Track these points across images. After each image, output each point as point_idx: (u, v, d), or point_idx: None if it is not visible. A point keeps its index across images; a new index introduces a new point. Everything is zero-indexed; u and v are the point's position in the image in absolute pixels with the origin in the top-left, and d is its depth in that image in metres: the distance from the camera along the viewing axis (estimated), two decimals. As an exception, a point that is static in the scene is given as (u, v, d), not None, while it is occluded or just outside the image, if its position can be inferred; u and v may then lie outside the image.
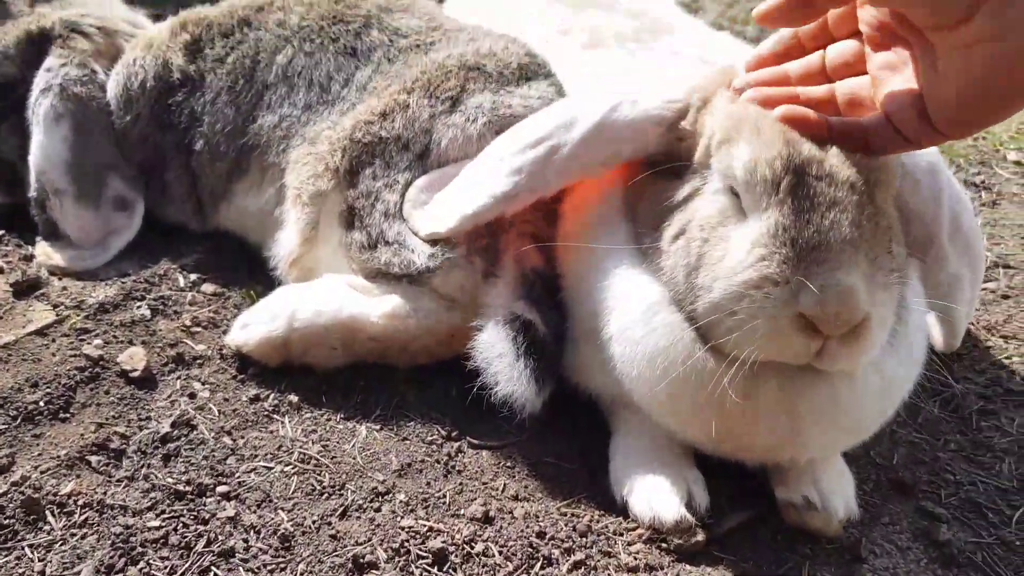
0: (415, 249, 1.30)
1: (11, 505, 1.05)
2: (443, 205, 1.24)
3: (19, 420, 1.22)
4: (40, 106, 1.51)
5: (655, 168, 1.08)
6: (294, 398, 1.31)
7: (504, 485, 1.20)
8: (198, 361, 1.37)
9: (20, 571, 0.98)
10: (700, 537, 1.08)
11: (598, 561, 1.07)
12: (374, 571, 1.03)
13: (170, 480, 1.13)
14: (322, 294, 1.34)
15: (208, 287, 1.53)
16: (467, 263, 1.29)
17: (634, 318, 1.05)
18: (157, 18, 1.76)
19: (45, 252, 1.52)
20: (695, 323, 0.99)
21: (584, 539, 1.11)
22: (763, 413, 0.98)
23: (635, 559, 1.08)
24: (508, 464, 1.24)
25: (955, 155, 2.26)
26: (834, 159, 0.94)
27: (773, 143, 0.94)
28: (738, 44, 1.70)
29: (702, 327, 0.98)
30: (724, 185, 1.00)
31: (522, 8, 1.79)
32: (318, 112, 1.43)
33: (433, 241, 1.28)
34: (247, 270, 1.57)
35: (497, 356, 1.19)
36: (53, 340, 1.36)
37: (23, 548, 1.01)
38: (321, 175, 1.36)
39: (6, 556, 1.00)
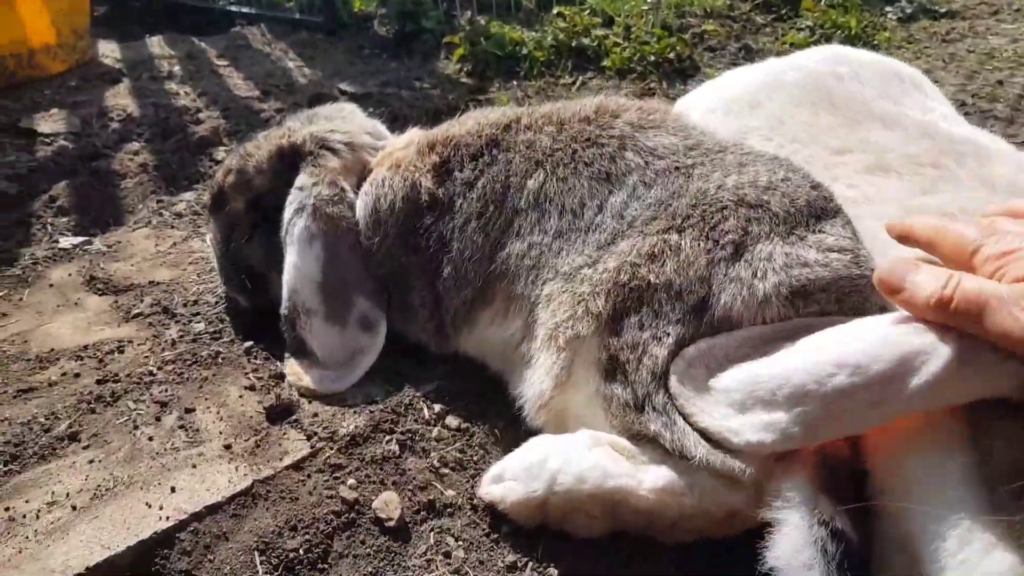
0: (689, 435, 1.16)
1: None
2: (734, 399, 1.08)
3: (280, 569, 1.18)
4: (295, 226, 1.51)
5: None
6: (554, 572, 1.20)
7: None
8: (449, 510, 1.30)
9: None
10: None
11: None
12: None
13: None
14: (584, 455, 1.22)
15: (452, 420, 1.46)
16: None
17: None
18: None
19: (295, 372, 1.51)
20: None
21: None
22: None
23: None
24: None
25: None
26: None
27: None
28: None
29: None
30: None
31: (771, 113, 1.62)
32: (570, 240, 1.33)
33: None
34: (489, 400, 1.50)
35: (803, 567, 1.02)
36: (309, 476, 1.33)
37: None
38: (580, 318, 1.26)
39: None
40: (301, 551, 1.20)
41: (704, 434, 1.13)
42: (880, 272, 0.99)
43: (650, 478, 1.17)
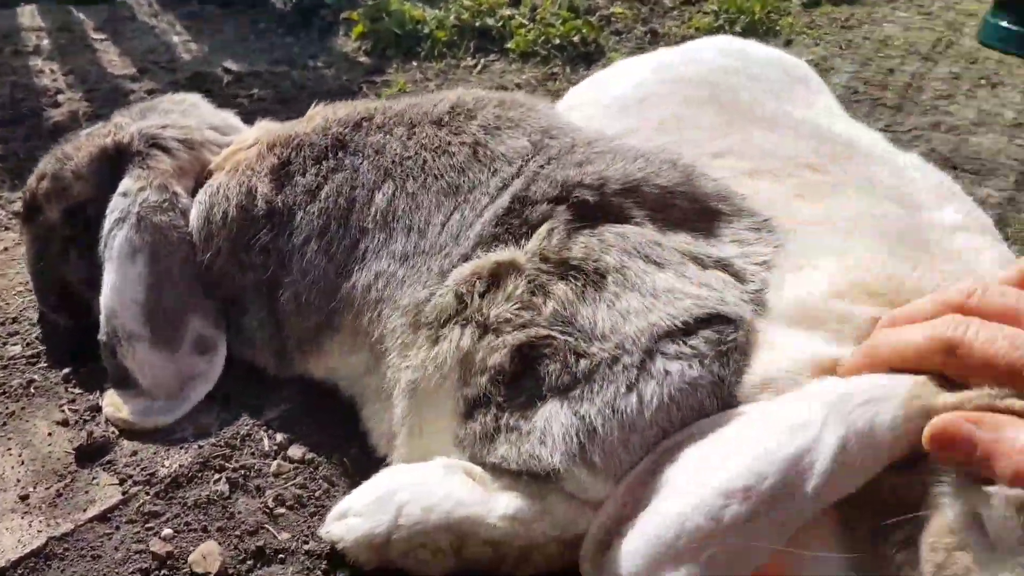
0: (536, 444, 1.05)
1: None
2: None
3: (72, 643, 1.03)
4: (115, 239, 1.33)
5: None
6: (390, 627, 1.08)
7: None
8: (280, 556, 1.16)
9: None
10: None
11: None
12: None
13: None
14: (436, 486, 1.11)
15: (295, 451, 1.32)
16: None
17: None
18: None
19: (113, 403, 1.34)
20: None
21: None
22: None
23: None
24: None
25: None
26: None
27: None
28: (934, 172, 1.37)
29: None
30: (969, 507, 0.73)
31: (657, 111, 1.51)
32: (415, 268, 1.19)
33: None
34: (340, 425, 1.35)
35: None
36: (117, 528, 1.16)
37: None
38: (429, 362, 1.13)
39: None
40: (100, 620, 1.05)
41: None
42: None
43: (501, 505, 1.07)
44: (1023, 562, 0.69)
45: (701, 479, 0.87)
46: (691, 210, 1.18)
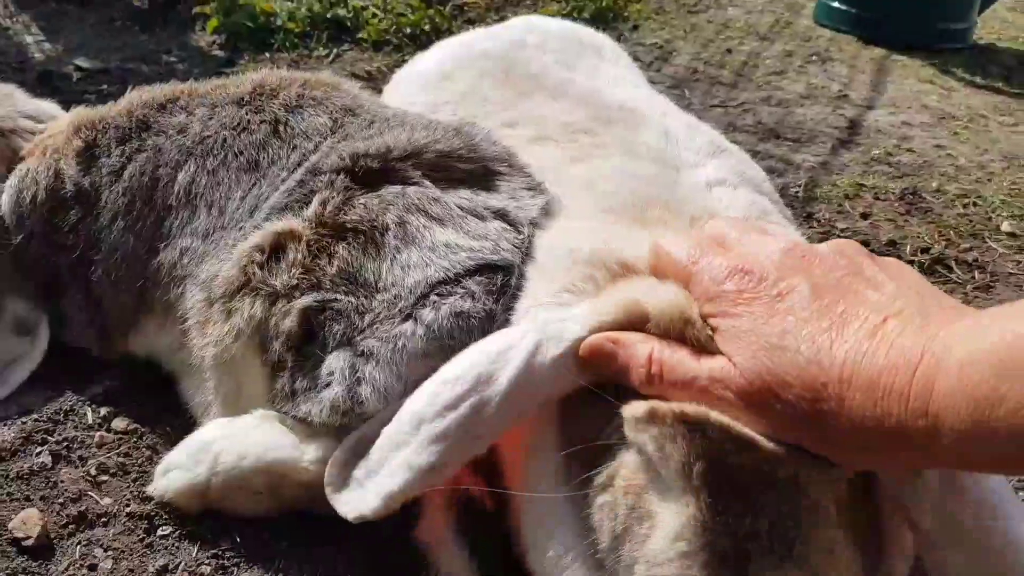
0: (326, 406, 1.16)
1: None
2: (367, 477, 1.05)
3: None
4: (-79, 226, 1.35)
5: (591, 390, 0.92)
6: (207, 568, 1.16)
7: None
8: (103, 520, 1.23)
9: None
10: None
11: None
12: None
13: None
14: (250, 434, 1.21)
15: (120, 422, 1.38)
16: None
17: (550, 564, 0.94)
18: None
19: (-72, 388, 1.36)
20: None
21: None
22: None
23: None
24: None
25: (944, 226, 2.15)
26: (760, 455, 0.79)
27: (688, 430, 0.80)
28: (707, 131, 1.54)
29: None
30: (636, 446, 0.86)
31: (457, 86, 1.63)
32: (215, 243, 1.27)
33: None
34: (163, 399, 1.42)
35: (437, 534, 1.06)
36: (-64, 503, 1.21)
37: None
38: (227, 334, 1.21)
39: None
40: (-83, 587, 1.09)
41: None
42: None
43: (312, 450, 1.17)
44: (688, 491, 0.80)
45: (429, 380, 1.01)
46: (472, 171, 1.31)
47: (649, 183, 1.29)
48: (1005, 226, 2.12)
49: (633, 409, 0.85)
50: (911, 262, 1.97)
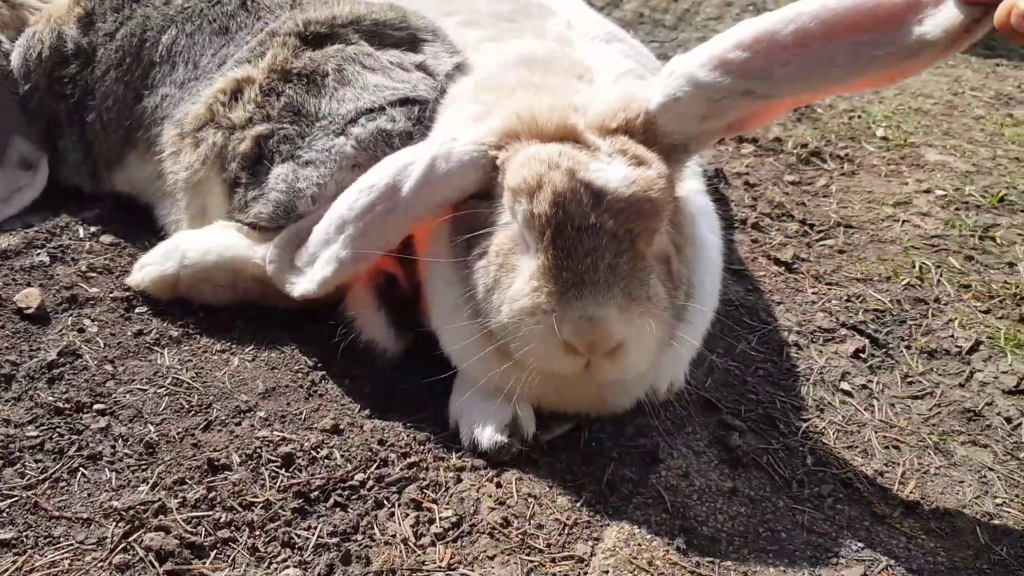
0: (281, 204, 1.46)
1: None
2: (305, 266, 1.36)
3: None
4: (-54, 71, 1.63)
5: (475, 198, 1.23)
6: (175, 332, 1.44)
7: (358, 406, 1.35)
8: (91, 302, 1.50)
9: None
10: (515, 449, 1.23)
11: (430, 463, 1.23)
12: (227, 471, 1.17)
13: (51, 399, 1.26)
14: (213, 235, 1.49)
15: (106, 238, 1.66)
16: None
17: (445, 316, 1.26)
18: None
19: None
20: (494, 337, 1.16)
21: (421, 446, 1.26)
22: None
23: (462, 461, 1.23)
24: (366, 391, 1.39)
25: (827, 131, 2.46)
26: (600, 215, 1.09)
27: (546, 198, 1.10)
28: (608, 25, 1.86)
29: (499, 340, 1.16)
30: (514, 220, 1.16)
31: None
32: (190, 91, 1.57)
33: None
34: (145, 224, 1.70)
35: (363, 306, 1.35)
36: (-48, 282, 1.48)
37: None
38: (197, 159, 1.51)
39: None
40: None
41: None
42: None
43: (262, 249, 1.45)
44: (542, 246, 1.10)
45: (353, 184, 1.30)
46: (402, 38, 1.60)
47: (545, 52, 1.60)
48: (880, 132, 2.42)
49: (510, 180, 1.15)
50: (791, 154, 2.27)
